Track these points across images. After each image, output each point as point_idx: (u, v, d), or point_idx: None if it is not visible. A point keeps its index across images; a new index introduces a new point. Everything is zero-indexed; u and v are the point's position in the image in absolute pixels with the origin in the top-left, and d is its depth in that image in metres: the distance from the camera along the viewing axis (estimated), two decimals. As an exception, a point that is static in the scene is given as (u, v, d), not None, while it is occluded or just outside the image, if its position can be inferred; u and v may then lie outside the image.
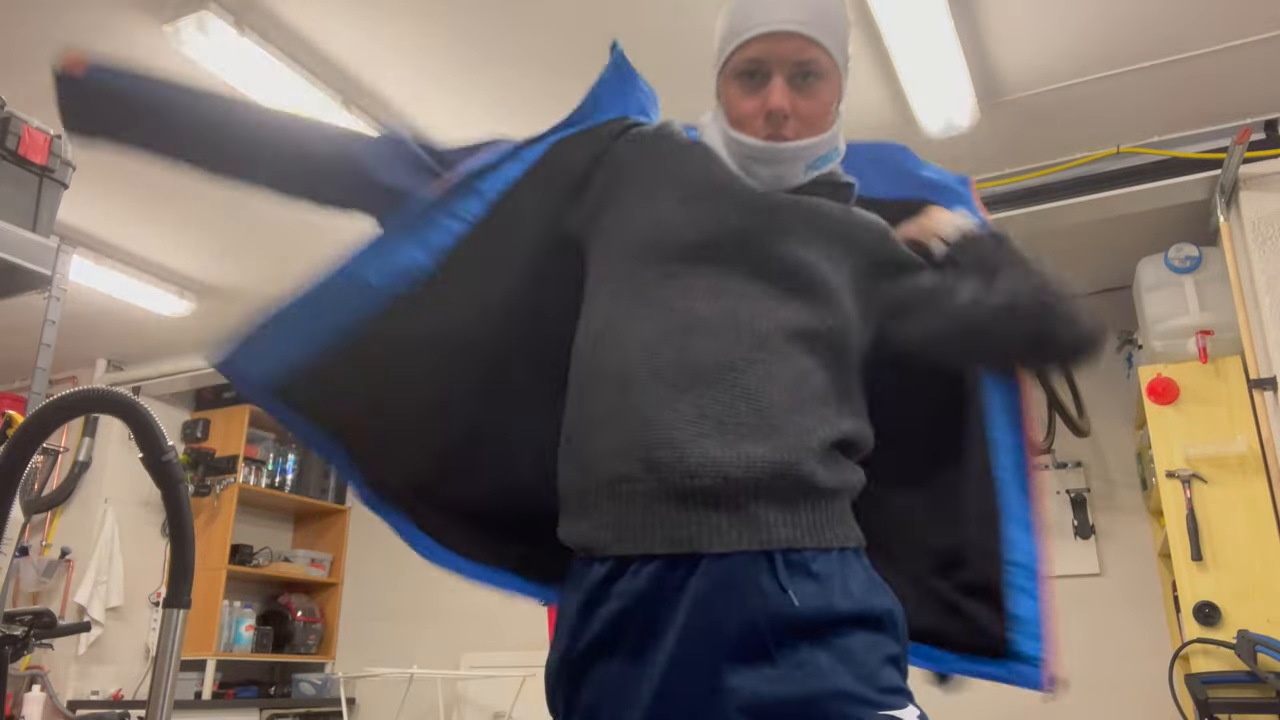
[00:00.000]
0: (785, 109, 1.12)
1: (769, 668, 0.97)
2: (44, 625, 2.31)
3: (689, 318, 1.09)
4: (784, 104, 1.12)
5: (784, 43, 1.12)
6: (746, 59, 1.15)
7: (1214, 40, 2.69)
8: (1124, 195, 3.18)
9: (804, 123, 1.15)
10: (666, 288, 1.12)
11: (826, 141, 1.18)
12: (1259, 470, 2.98)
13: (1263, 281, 2.93)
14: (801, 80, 1.14)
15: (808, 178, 1.19)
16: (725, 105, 1.20)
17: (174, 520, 1.18)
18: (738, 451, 1.01)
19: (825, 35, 1.13)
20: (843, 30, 1.18)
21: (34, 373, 2.27)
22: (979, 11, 2.57)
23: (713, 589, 0.99)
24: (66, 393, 1.19)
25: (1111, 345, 4.07)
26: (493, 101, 2.92)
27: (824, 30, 1.13)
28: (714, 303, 1.09)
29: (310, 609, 5.35)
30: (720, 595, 0.99)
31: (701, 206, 1.17)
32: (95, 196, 3.46)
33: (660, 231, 1.16)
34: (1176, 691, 2.94)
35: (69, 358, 4.92)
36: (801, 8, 1.13)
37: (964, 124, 2.96)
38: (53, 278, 2.06)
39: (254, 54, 2.61)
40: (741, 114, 1.16)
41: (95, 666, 4.59)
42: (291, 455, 5.45)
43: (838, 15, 1.17)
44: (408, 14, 2.56)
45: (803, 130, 1.15)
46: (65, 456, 4.93)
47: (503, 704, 4.66)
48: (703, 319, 1.08)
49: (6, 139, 1.99)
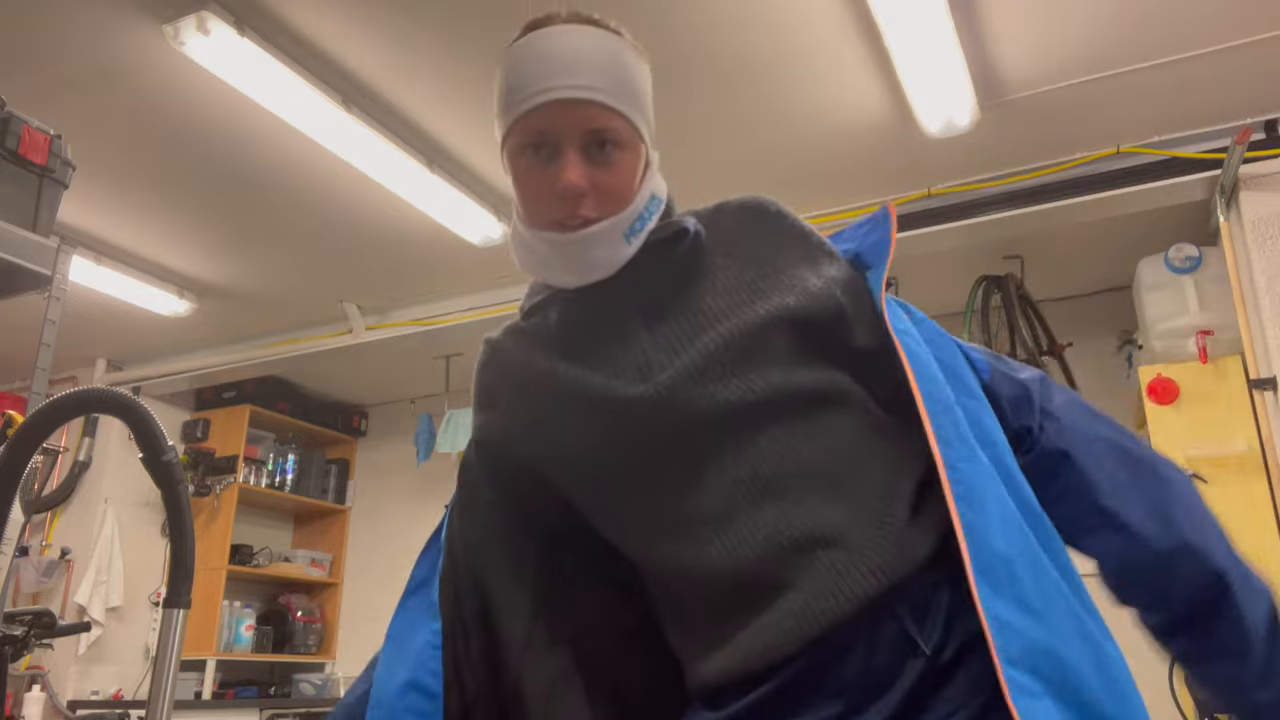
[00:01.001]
0: (580, 186, 0.95)
1: None
2: (44, 625, 2.31)
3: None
4: (578, 180, 0.95)
5: (573, 111, 0.95)
6: (531, 131, 0.97)
7: (1214, 40, 2.69)
8: (1124, 195, 3.19)
9: (604, 199, 0.97)
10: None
11: (635, 209, 0.99)
12: (1259, 470, 2.98)
13: (1263, 281, 2.93)
14: (598, 150, 0.96)
15: (634, 248, 1.00)
16: (516, 191, 1.01)
17: (174, 520, 1.18)
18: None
19: (620, 99, 0.97)
20: (640, 86, 1.01)
21: (34, 373, 2.27)
22: (979, 11, 2.57)
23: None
24: (66, 393, 1.19)
25: (1111, 345, 4.07)
26: (492, 100, 2.92)
27: (619, 92, 0.97)
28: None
29: (310, 609, 5.36)
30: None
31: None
32: (95, 196, 3.47)
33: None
34: (1176, 691, 2.94)
35: (69, 358, 4.93)
36: (588, 69, 0.96)
37: (964, 124, 2.96)
38: (53, 278, 2.06)
39: (254, 54, 2.61)
40: (532, 197, 0.99)
41: (95, 666, 4.60)
42: (291, 455, 5.45)
43: (631, 68, 1.00)
44: (407, 14, 2.56)
45: (604, 207, 0.97)
46: (65, 456, 4.94)
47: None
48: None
49: (6, 139, 1.98)
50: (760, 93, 2.91)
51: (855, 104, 2.97)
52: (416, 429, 5.05)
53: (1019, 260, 3.89)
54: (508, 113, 1.00)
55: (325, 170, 3.26)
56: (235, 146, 3.15)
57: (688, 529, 0.95)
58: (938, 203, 3.43)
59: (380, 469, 5.65)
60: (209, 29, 2.49)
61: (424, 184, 3.28)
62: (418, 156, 3.16)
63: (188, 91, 2.85)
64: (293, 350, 4.59)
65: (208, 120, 3.00)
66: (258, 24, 2.58)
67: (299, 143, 3.07)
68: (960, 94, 2.82)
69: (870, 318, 1.01)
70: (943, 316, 4.58)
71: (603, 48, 0.98)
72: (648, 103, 1.03)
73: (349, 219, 3.63)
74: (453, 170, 3.31)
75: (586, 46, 0.98)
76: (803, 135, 3.13)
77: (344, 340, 4.44)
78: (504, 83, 1.01)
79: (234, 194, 3.46)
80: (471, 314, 4.18)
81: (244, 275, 4.14)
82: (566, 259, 1.00)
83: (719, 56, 2.73)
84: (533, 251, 1.02)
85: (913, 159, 3.26)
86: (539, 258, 1.02)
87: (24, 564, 4.56)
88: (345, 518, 5.64)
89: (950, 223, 3.40)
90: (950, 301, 4.08)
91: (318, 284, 4.20)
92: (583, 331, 1.05)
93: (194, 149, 3.17)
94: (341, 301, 4.34)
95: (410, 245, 3.82)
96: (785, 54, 2.73)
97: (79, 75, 2.78)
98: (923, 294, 4.08)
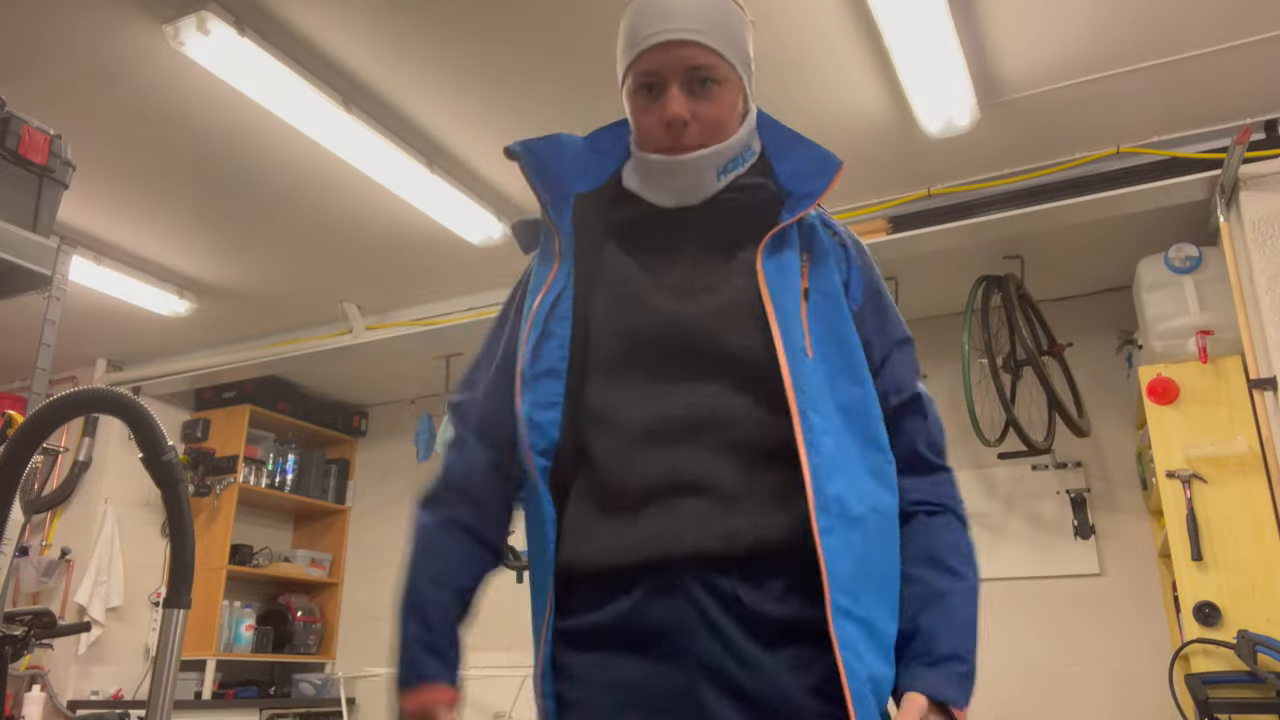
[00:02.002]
0: (683, 116, 1.11)
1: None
2: (44, 625, 2.32)
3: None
4: (681, 111, 1.11)
5: (676, 51, 1.11)
6: (642, 72, 1.13)
7: (1214, 40, 2.69)
8: (1124, 195, 3.18)
9: (706, 128, 1.13)
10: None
11: (733, 146, 1.16)
12: (1259, 470, 2.99)
13: (1263, 281, 2.93)
14: (699, 86, 1.12)
15: (722, 184, 1.16)
16: (632, 124, 1.19)
17: (174, 520, 1.18)
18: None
19: (719, 41, 1.12)
20: (739, 34, 1.16)
21: (34, 373, 2.27)
22: (979, 11, 2.57)
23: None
24: (66, 393, 1.19)
25: (1111, 345, 4.07)
26: (492, 99, 2.93)
27: (717, 35, 1.12)
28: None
29: (310, 609, 5.35)
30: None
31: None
32: (95, 196, 3.47)
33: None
34: (1176, 691, 2.95)
35: (69, 358, 4.93)
36: (691, 16, 1.12)
37: (964, 124, 2.96)
38: (53, 278, 2.06)
39: (254, 54, 2.61)
40: (644, 128, 1.16)
41: (95, 666, 4.59)
42: (291, 455, 5.45)
43: (731, 19, 1.15)
44: (407, 14, 2.56)
45: (706, 136, 1.13)
46: (65, 456, 4.93)
47: (503, 704, 4.66)
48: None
49: (6, 139, 1.98)
50: (760, 92, 2.88)
51: (855, 104, 2.97)
52: (416, 429, 5.05)
53: (1019, 260, 3.89)
54: (625, 55, 1.15)
55: (325, 170, 3.26)
56: (235, 147, 3.15)
57: (635, 435, 1.09)
58: (938, 203, 3.43)
59: (380, 469, 5.64)
60: (209, 29, 2.49)
61: (424, 184, 3.28)
62: (418, 156, 3.16)
63: (188, 91, 2.85)
64: (293, 350, 4.59)
65: (208, 120, 3.00)
66: (258, 24, 2.58)
67: (299, 143, 3.07)
68: (960, 94, 2.82)
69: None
70: (943, 316, 4.60)
71: (706, 2, 1.14)
72: (748, 51, 1.18)
73: (349, 219, 3.63)
74: (453, 170, 3.31)
75: (692, 1, 1.13)
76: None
77: (344, 340, 4.44)
78: (624, 31, 1.16)
79: (234, 194, 3.46)
80: (471, 314, 4.18)
81: (244, 275, 4.14)
82: (668, 180, 1.16)
83: (719, 56, 2.73)
84: (640, 172, 1.19)
85: (913, 159, 3.26)
86: (643, 177, 1.19)
87: (24, 564, 4.56)
88: (345, 518, 5.64)
89: (950, 223, 3.39)
90: (950, 301, 4.09)
91: (318, 284, 4.20)
92: (649, 243, 1.18)
93: (194, 149, 3.17)
94: (341, 301, 4.34)
95: (410, 245, 3.82)
96: (785, 54, 2.73)
97: (79, 75, 2.78)
98: (923, 294, 4.09)
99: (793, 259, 1.15)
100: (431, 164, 3.22)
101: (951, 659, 1.04)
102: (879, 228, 3.47)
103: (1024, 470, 4.14)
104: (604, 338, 1.14)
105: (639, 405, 1.10)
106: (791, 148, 1.22)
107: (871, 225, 3.47)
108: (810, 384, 1.07)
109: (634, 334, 1.13)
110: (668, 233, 1.18)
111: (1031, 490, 4.12)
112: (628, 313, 1.14)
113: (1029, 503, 4.11)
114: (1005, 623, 3.90)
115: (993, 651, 3.74)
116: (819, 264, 1.16)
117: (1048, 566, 3.98)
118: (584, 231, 1.21)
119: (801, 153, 1.21)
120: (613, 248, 1.20)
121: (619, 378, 1.12)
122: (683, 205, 1.17)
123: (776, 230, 1.14)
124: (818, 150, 1.21)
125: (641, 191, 1.19)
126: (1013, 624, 3.89)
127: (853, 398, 1.10)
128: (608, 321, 1.15)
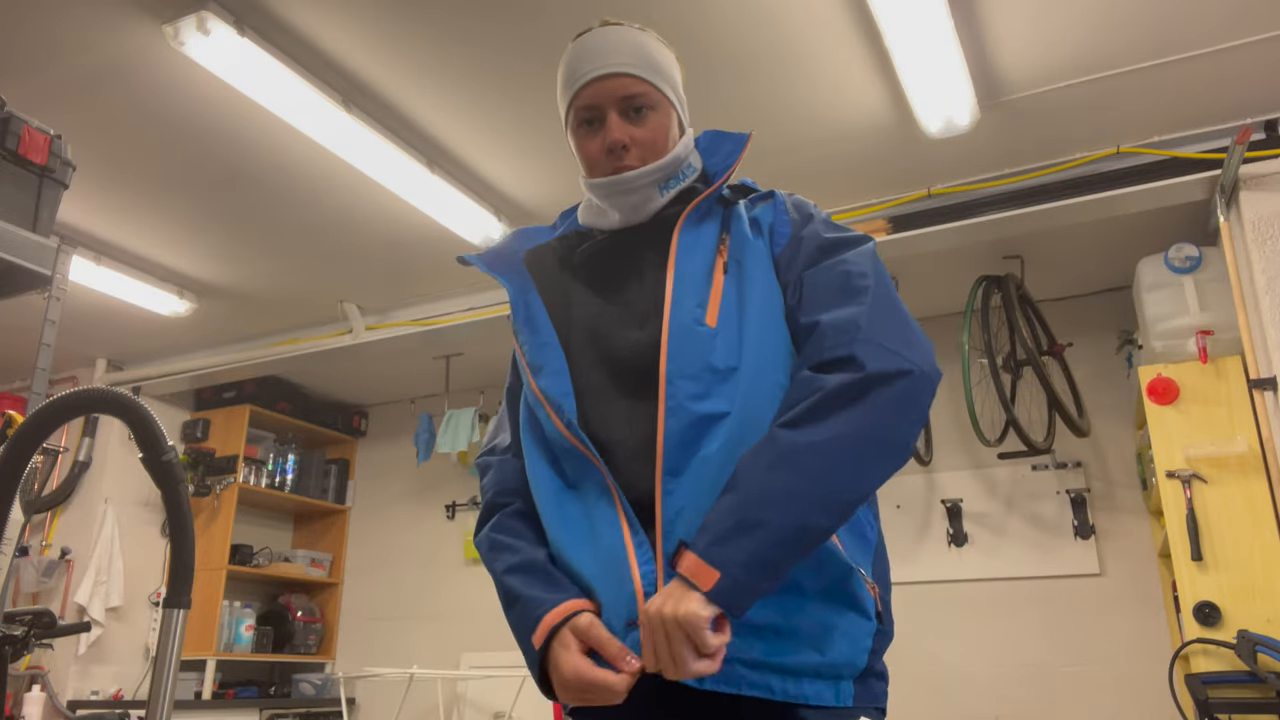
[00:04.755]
0: (622, 140, 1.22)
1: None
2: (44, 625, 2.31)
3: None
4: (621, 136, 1.22)
5: (610, 83, 1.23)
6: (582, 107, 1.25)
7: (1214, 40, 2.69)
8: (1124, 195, 3.18)
9: (644, 150, 1.24)
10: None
11: (671, 163, 1.25)
12: (1259, 470, 2.99)
13: (1263, 281, 2.93)
14: (635, 114, 1.24)
15: (665, 200, 1.26)
16: (578, 157, 1.29)
17: (174, 520, 1.18)
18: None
19: (649, 72, 1.24)
20: (667, 67, 1.28)
21: (34, 373, 2.27)
22: (979, 11, 2.57)
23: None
24: (66, 393, 1.19)
25: (1111, 345, 4.07)
26: (493, 99, 2.93)
27: (647, 68, 1.24)
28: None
29: (310, 609, 5.35)
30: None
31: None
32: (95, 196, 3.47)
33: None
34: (1176, 691, 2.95)
35: (69, 358, 4.93)
36: (623, 53, 1.24)
37: (964, 124, 2.96)
38: (53, 278, 2.06)
39: (254, 54, 2.61)
40: (589, 157, 1.26)
41: (95, 666, 4.60)
42: (291, 455, 5.45)
43: (659, 54, 1.27)
44: (407, 14, 2.56)
45: (646, 155, 1.24)
46: (65, 456, 4.93)
47: (503, 704, 4.66)
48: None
49: (6, 139, 1.98)
50: (760, 92, 2.91)
51: (855, 104, 2.97)
52: (416, 429, 5.05)
53: (1019, 260, 3.90)
54: (565, 93, 1.27)
55: (325, 170, 3.26)
56: (235, 146, 3.15)
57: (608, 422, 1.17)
58: (938, 203, 3.43)
59: (380, 469, 5.64)
60: (209, 29, 2.49)
61: (424, 184, 3.28)
62: (418, 156, 3.16)
63: (188, 91, 2.85)
64: (293, 350, 4.59)
65: (208, 120, 3.00)
66: (258, 24, 2.58)
67: (299, 143, 3.07)
68: (960, 94, 2.82)
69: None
70: (943, 316, 4.59)
71: (629, 38, 1.27)
72: (674, 77, 1.29)
73: (349, 219, 3.63)
74: (453, 170, 3.31)
75: (616, 38, 1.26)
76: (802, 135, 3.13)
77: (344, 340, 4.44)
78: (562, 75, 1.29)
79: (234, 194, 3.46)
80: (471, 314, 4.18)
81: (244, 275, 4.14)
82: (616, 200, 1.26)
83: (719, 56, 2.73)
84: (590, 202, 1.30)
85: (912, 159, 3.26)
86: (593, 203, 1.29)
87: (24, 564, 4.56)
88: (345, 518, 5.64)
89: (950, 223, 3.39)
90: (950, 301, 4.09)
91: (318, 284, 4.20)
92: (603, 266, 1.28)
93: (194, 149, 3.17)
94: (341, 301, 4.34)
95: (410, 245, 3.82)
96: (785, 54, 2.73)
97: (79, 75, 2.78)
98: (923, 294, 4.09)
99: (711, 234, 1.23)
100: (431, 164, 3.22)
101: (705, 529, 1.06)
102: (879, 228, 3.47)
103: (1024, 470, 4.14)
104: (582, 369, 1.22)
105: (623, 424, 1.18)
106: (719, 145, 1.33)
107: (871, 225, 3.47)
108: (691, 352, 1.14)
109: (609, 364, 1.21)
110: (626, 254, 1.27)
111: (1031, 490, 4.12)
112: (599, 347, 1.22)
113: (1029, 503, 4.11)
114: (1005, 623, 3.91)
115: (993, 651, 3.76)
116: (738, 237, 1.23)
117: (1048, 566, 3.98)
118: (539, 268, 1.33)
119: (725, 146, 1.33)
120: (571, 279, 1.30)
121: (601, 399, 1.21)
122: (630, 225, 1.27)
123: (695, 204, 1.24)
124: (737, 136, 1.33)
125: (594, 222, 1.30)
126: (1013, 624, 3.89)
127: (777, 354, 1.16)
128: (583, 355, 1.23)
